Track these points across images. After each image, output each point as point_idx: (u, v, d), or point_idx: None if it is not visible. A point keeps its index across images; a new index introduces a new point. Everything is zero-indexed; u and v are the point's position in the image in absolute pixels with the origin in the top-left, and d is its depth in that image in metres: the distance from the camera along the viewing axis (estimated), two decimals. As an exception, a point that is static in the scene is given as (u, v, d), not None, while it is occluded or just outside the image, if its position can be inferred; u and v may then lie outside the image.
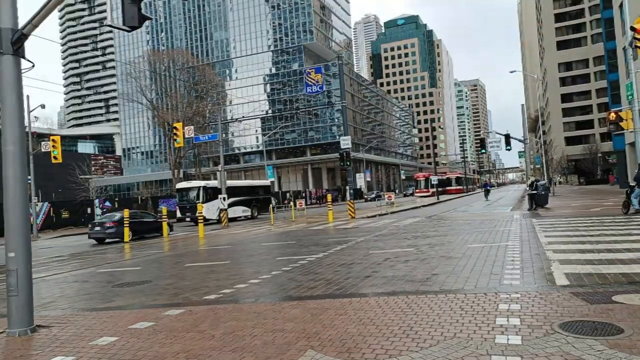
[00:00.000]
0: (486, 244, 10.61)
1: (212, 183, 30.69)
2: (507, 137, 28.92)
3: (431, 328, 4.45)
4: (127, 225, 19.34)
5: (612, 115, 20.15)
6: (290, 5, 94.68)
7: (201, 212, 20.90)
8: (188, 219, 29.76)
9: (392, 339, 4.23)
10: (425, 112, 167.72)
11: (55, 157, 27.78)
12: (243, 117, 52.89)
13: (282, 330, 4.71)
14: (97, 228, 20.47)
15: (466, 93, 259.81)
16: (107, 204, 38.01)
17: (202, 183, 31.17)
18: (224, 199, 26.30)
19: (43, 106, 30.15)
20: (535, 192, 22.04)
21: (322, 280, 7.57)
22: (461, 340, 4.04)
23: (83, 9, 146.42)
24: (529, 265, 7.57)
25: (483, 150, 33.11)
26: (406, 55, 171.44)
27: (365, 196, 67.54)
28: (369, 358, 3.80)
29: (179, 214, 30.71)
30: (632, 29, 15.72)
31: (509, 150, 29.35)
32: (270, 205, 29.46)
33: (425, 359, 3.69)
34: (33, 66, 5.56)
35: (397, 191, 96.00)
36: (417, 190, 63.45)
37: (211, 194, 29.66)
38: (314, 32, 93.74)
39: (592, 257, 8.03)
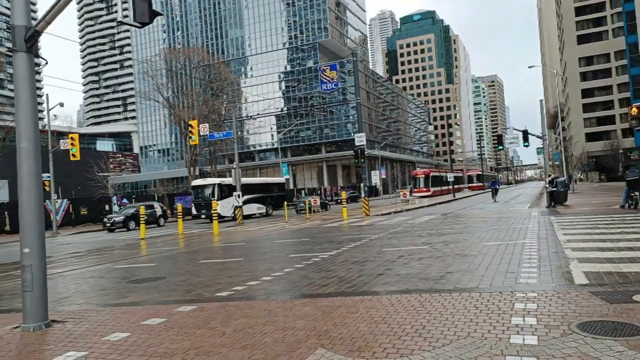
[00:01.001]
0: (502, 241, 10.43)
1: (227, 180, 30.83)
2: (525, 134, 28.44)
3: (444, 327, 4.36)
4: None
5: (634, 110, 19.61)
6: (305, 2, 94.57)
7: (216, 209, 21.01)
8: (203, 216, 29.96)
9: (404, 338, 4.15)
10: (441, 109, 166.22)
11: (73, 155, 28.24)
12: (258, 114, 52.98)
13: (292, 327, 4.67)
14: (302, 204, 33.32)
15: (483, 89, 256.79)
16: (125, 201, 38.50)
17: (217, 180, 31.31)
18: (239, 196, 26.41)
19: (62, 104, 30.64)
20: (554, 189, 21.64)
21: (335, 277, 7.51)
22: (475, 340, 3.95)
23: (101, 9, 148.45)
24: (547, 264, 7.41)
25: (500, 147, 32.71)
26: (422, 51, 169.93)
27: (336, 198, 50.16)
28: (379, 357, 3.73)
29: (194, 211, 30.94)
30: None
31: (527, 146, 28.89)
32: (285, 203, 29.45)
33: (437, 358, 3.61)
34: (46, 63, 5.61)
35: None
36: (415, 190, 54.23)
37: (226, 191, 29.80)
38: (328, 29, 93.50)
39: (613, 255, 7.82)
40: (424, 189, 53.07)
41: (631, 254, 7.83)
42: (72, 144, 28.24)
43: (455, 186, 58.33)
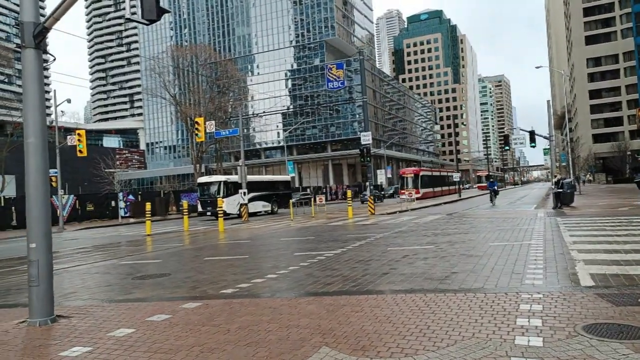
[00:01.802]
0: (508, 242, 10.38)
1: (233, 178, 30.85)
2: (532, 134, 28.33)
3: (449, 327, 4.35)
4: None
5: (643, 112, 19.53)
6: (312, 1, 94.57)
7: (221, 207, 21.04)
8: (209, 213, 30.01)
9: (409, 337, 4.14)
10: (447, 109, 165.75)
11: (80, 151, 28.36)
12: (264, 112, 53.05)
13: (297, 325, 4.68)
14: (366, 197, 34.77)
15: (490, 89, 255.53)
16: (131, 197, 38.66)
17: (222, 178, 31.33)
18: (245, 193, 26.44)
19: (69, 100, 30.79)
20: (560, 190, 21.52)
21: (339, 276, 7.51)
22: (480, 341, 3.94)
23: (109, 5, 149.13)
24: (553, 265, 7.37)
25: (507, 147, 32.57)
26: (429, 50, 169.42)
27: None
28: (384, 356, 3.72)
29: (200, 208, 31.00)
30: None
31: (533, 147, 28.80)
32: (290, 201, 29.45)
33: (442, 359, 3.60)
34: (54, 59, 5.63)
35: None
36: (401, 191, 45.00)
37: (232, 188, 29.83)
38: (335, 28, 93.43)
39: (619, 257, 7.77)
40: (413, 190, 44.62)
41: (638, 256, 7.78)
42: (79, 140, 28.37)
43: (453, 187, 53.64)
